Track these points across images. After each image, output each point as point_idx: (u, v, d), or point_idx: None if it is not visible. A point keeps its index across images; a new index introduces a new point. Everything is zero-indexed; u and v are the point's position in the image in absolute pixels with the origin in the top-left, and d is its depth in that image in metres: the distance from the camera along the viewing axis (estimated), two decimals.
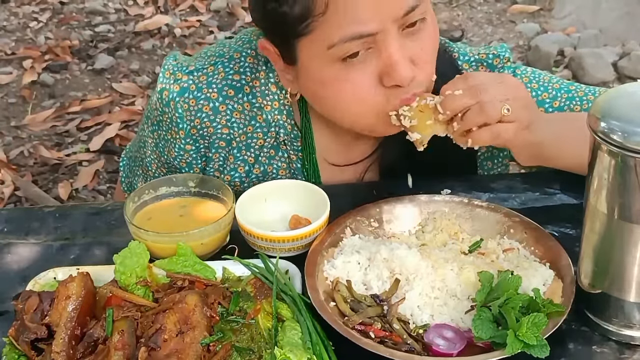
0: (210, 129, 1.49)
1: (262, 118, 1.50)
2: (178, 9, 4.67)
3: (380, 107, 1.33)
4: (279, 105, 1.49)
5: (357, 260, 1.28)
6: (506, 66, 1.54)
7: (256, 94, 1.48)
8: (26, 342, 1.16)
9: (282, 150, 1.54)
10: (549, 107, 1.52)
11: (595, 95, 1.53)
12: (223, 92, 1.48)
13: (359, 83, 1.31)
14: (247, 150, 1.52)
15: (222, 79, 1.48)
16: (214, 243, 1.35)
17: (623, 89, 1.19)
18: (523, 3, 4.54)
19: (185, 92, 1.47)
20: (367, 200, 1.42)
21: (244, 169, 1.54)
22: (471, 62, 1.54)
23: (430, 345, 1.17)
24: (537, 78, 1.54)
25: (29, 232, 1.47)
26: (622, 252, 1.15)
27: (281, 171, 1.55)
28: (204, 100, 1.48)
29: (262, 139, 1.51)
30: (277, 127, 1.50)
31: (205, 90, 1.47)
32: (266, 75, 1.48)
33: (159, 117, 1.52)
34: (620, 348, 1.19)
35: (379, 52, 1.29)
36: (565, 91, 1.53)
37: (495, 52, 1.54)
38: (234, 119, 1.49)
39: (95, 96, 3.87)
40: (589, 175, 1.15)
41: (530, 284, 1.22)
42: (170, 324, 1.15)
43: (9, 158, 3.43)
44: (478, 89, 1.27)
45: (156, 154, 1.58)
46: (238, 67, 1.49)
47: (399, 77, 1.29)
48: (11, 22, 4.58)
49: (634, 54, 3.91)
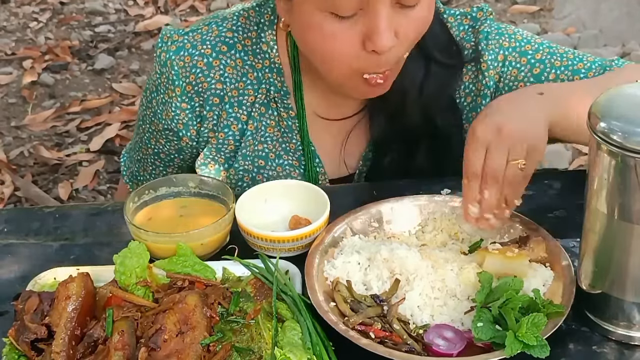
0: (204, 84, 1.53)
1: (253, 76, 1.54)
2: (178, 9, 4.67)
3: (354, 67, 1.36)
4: (270, 64, 1.53)
5: (357, 260, 1.28)
6: (489, 18, 1.57)
7: (248, 51, 1.53)
8: (26, 342, 1.16)
9: (272, 109, 1.56)
10: (531, 58, 1.54)
11: (574, 54, 1.55)
12: (217, 47, 1.53)
13: (341, 40, 1.33)
14: (239, 108, 1.55)
15: (215, 36, 1.53)
16: (214, 243, 1.35)
17: (623, 89, 1.19)
18: (523, 3, 4.54)
19: (181, 50, 1.52)
20: (367, 200, 1.42)
21: (237, 127, 1.57)
22: (456, 15, 1.58)
23: (430, 345, 1.17)
24: (521, 32, 1.58)
25: (29, 233, 1.47)
26: (622, 253, 1.14)
27: (269, 129, 1.57)
28: (199, 57, 1.52)
29: (253, 95, 1.55)
30: (267, 84, 1.54)
31: (199, 47, 1.52)
32: (257, 35, 1.53)
33: (157, 81, 1.56)
34: (620, 348, 1.19)
35: (367, 16, 1.30)
36: (547, 46, 1.56)
37: (478, 5, 1.58)
38: (227, 73, 1.53)
39: (96, 96, 3.87)
40: (588, 175, 1.15)
41: (530, 284, 1.22)
42: (170, 324, 1.15)
43: (9, 158, 3.42)
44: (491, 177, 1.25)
45: (154, 125, 1.60)
46: (231, 25, 1.54)
47: (380, 44, 1.31)
48: (11, 23, 4.58)
49: (634, 54, 3.91)
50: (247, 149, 1.57)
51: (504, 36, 1.55)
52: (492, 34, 1.54)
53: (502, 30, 1.56)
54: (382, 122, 1.56)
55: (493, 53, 1.54)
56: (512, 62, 1.54)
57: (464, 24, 1.57)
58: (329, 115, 1.59)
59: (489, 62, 1.54)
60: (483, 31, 1.55)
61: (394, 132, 1.57)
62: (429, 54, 1.51)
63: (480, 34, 1.55)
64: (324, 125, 1.60)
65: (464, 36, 1.56)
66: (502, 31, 1.55)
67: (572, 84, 1.50)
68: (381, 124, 1.57)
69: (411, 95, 1.52)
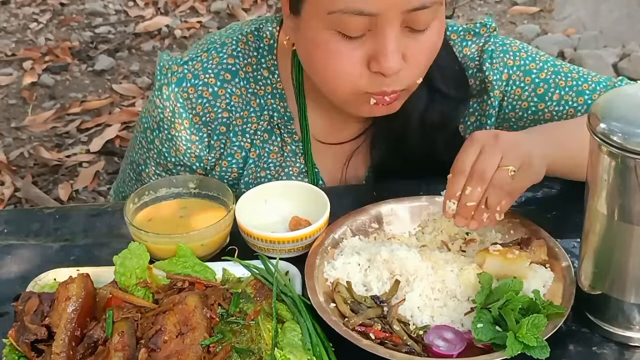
0: (211, 114, 1.51)
1: (255, 103, 1.52)
2: (178, 10, 4.67)
3: (358, 88, 1.34)
4: (272, 90, 1.52)
5: (357, 261, 1.29)
6: (492, 35, 1.55)
7: (249, 79, 1.51)
8: (26, 343, 1.16)
9: (276, 135, 1.55)
10: (535, 77, 1.52)
11: (579, 73, 1.54)
12: (220, 76, 1.50)
13: (347, 60, 1.31)
14: (242, 136, 1.54)
15: (217, 64, 1.50)
16: (214, 244, 1.35)
17: (623, 90, 1.19)
18: (523, 4, 4.54)
19: (183, 81, 1.49)
20: (367, 201, 1.42)
21: (240, 155, 1.55)
22: (459, 31, 1.56)
23: (430, 346, 1.17)
24: (526, 49, 1.56)
25: (29, 234, 1.47)
26: (622, 254, 1.15)
27: (272, 155, 1.56)
28: (203, 86, 1.50)
29: (255, 122, 1.53)
30: (270, 110, 1.53)
31: (202, 76, 1.50)
32: (257, 61, 1.51)
33: (159, 116, 1.52)
34: (620, 349, 1.19)
35: (375, 37, 1.29)
36: (552, 65, 1.54)
37: (482, 21, 1.56)
38: (233, 102, 1.51)
39: (96, 97, 3.87)
40: (588, 176, 1.15)
41: (530, 285, 1.22)
42: (170, 325, 1.15)
43: (9, 159, 3.42)
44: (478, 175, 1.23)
45: (162, 166, 1.57)
46: (231, 51, 1.51)
47: (386, 66, 1.29)
48: (11, 24, 4.58)
49: (634, 55, 3.91)
50: (249, 176, 1.57)
51: (509, 54, 1.53)
52: (496, 51, 1.53)
53: (507, 47, 1.54)
54: (383, 147, 1.55)
55: (497, 72, 1.52)
56: (516, 81, 1.53)
57: (467, 40, 1.55)
58: (329, 140, 1.58)
59: (494, 81, 1.52)
60: (487, 50, 1.53)
61: (394, 158, 1.55)
62: (434, 84, 1.49)
63: (484, 53, 1.53)
64: (325, 149, 1.58)
65: (467, 53, 1.54)
66: (507, 48, 1.54)
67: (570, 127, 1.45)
68: (382, 149, 1.55)
69: (413, 123, 1.50)
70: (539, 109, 1.53)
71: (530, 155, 1.26)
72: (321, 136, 1.58)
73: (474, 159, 1.23)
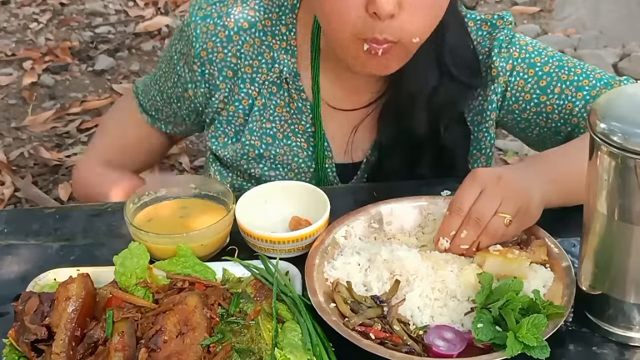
0: (220, 54, 1.57)
1: (269, 55, 1.58)
2: (178, 10, 4.66)
3: (356, 31, 1.36)
4: (286, 45, 1.57)
5: (357, 261, 1.29)
6: (507, 27, 1.58)
7: (267, 32, 1.57)
8: (26, 343, 1.16)
9: (284, 89, 1.59)
10: (539, 70, 1.55)
11: (582, 69, 1.56)
12: (239, 23, 1.57)
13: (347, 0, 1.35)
14: (251, 84, 1.59)
15: (239, 12, 1.57)
16: (214, 244, 1.35)
17: (623, 90, 1.19)
18: (523, 4, 4.54)
19: (207, 17, 1.57)
20: (367, 201, 1.42)
21: (247, 102, 1.60)
22: (477, 20, 1.59)
23: (430, 346, 1.17)
24: (533, 44, 1.59)
25: (29, 234, 1.47)
26: (622, 254, 1.15)
27: (278, 109, 1.60)
28: (221, 27, 1.56)
29: (265, 74, 1.58)
30: (280, 64, 1.57)
31: (224, 18, 1.57)
32: (278, 17, 1.57)
33: (181, 33, 1.61)
34: (620, 349, 1.19)
35: None
36: (557, 59, 1.57)
37: (500, 13, 1.60)
38: (244, 50, 1.57)
39: (96, 97, 3.87)
40: (588, 176, 1.15)
41: (530, 285, 1.22)
42: (170, 325, 1.15)
43: (9, 159, 3.42)
44: (474, 219, 1.26)
45: (169, 67, 1.66)
46: (254, 4, 1.58)
47: (380, 6, 1.31)
48: (11, 24, 4.58)
49: (634, 55, 3.91)
50: (254, 124, 1.60)
51: (515, 46, 1.56)
52: (505, 42, 1.56)
53: (515, 40, 1.57)
54: (390, 122, 1.57)
55: (503, 61, 1.55)
56: (519, 72, 1.55)
57: (482, 30, 1.58)
58: (339, 105, 1.61)
59: (499, 68, 1.55)
60: (498, 38, 1.56)
61: (399, 135, 1.57)
62: (444, 65, 1.52)
63: (495, 41, 1.56)
64: (334, 113, 1.61)
65: (480, 41, 1.58)
66: (515, 41, 1.57)
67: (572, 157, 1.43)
68: (388, 124, 1.58)
69: (421, 100, 1.53)
70: (541, 101, 1.56)
71: (529, 201, 1.29)
72: (331, 100, 1.61)
73: (473, 200, 1.27)
